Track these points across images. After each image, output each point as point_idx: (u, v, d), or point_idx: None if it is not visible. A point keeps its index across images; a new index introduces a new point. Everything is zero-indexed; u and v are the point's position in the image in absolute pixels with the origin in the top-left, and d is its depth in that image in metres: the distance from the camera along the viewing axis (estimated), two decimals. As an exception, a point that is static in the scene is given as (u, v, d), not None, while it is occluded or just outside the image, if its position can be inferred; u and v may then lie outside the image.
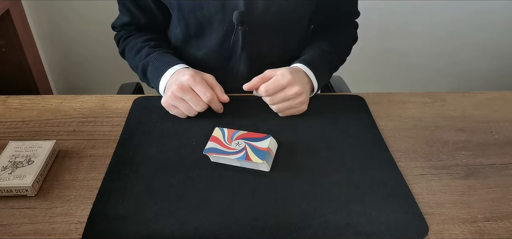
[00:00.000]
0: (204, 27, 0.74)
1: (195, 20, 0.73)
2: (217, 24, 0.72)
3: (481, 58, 1.82)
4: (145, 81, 0.77)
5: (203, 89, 0.63)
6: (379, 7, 1.61)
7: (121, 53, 0.83)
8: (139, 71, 0.76)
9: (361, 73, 1.70)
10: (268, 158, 0.57)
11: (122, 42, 0.81)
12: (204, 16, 0.71)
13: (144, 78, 0.76)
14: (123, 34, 0.81)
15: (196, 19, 0.72)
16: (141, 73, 0.76)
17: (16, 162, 0.55)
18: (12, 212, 0.51)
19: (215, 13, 0.70)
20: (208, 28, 0.73)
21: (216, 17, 0.71)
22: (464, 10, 1.65)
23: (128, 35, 0.80)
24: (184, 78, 0.63)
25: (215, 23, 0.72)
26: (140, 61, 0.74)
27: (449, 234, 0.50)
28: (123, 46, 0.81)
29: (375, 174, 0.57)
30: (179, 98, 0.64)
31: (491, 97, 0.77)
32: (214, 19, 0.71)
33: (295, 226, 0.49)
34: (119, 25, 0.81)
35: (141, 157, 0.59)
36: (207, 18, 0.71)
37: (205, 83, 0.64)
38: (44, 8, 1.53)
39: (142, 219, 0.49)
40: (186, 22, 0.74)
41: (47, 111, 0.69)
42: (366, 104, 0.73)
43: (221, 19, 0.71)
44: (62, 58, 1.69)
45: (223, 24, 0.71)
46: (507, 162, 0.62)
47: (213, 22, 0.72)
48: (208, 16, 0.71)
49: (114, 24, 0.83)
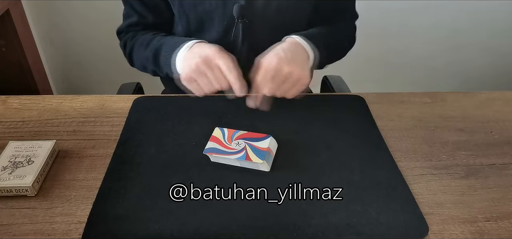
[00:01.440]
0: (204, 22, 0.74)
1: (196, 15, 0.73)
2: (217, 19, 0.72)
3: (481, 58, 1.82)
4: (156, 68, 0.74)
5: (230, 65, 0.60)
6: (379, 7, 1.61)
7: (128, 54, 0.80)
8: (150, 59, 0.73)
9: (361, 73, 1.70)
10: (268, 158, 0.57)
11: (130, 41, 0.79)
12: (205, 11, 0.71)
13: (154, 65, 0.74)
14: (130, 35, 0.80)
15: (197, 14, 0.73)
16: (152, 60, 0.73)
17: (16, 162, 0.55)
18: (12, 212, 0.51)
19: (216, 8, 0.70)
20: (209, 23, 0.74)
21: (216, 12, 0.71)
22: (464, 10, 1.65)
23: (134, 35, 0.79)
24: (210, 50, 0.61)
25: (215, 18, 0.72)
26: (152, 50, 0.72)
27: (449, 234, 0.50)
28: (132, 45, 0.79)
29: (375, 174, 0.57)
30: (202, 72, 0.61)
31: (491, 97, 0.77)
32: (215, 14, 0.71)
33: (295, 226, 0.49)
34: (126, 26, 0.80)
35: (141, 157, 0.59)
36: (208, 13, 0.72)
37: (231, 59, 0.61)
38: (44, 8, 1.53)
39: (142, 219, 0.49)
40: (187, 18, 0.74)
41: (47, 111, 0.69)
42: (366, 104, 0.73)
43: (222, 14, 0.71)
44: (62, 58, 1.69)
45: (223, 18, 0.72)
46: (507, 162, 0.62)
47: (214, 16, 0.72)
48: (209, 10, 0.71)
49: (119, 29, 0.82)
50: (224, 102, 0.68)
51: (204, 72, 0.61)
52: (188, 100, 0.72)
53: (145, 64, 0.77)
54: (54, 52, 1.67)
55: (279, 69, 0.61)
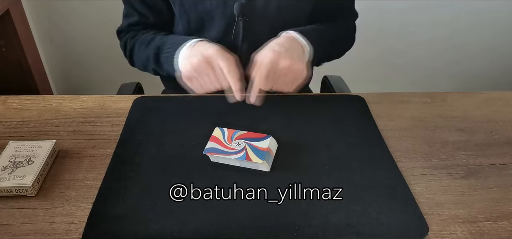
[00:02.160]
0: (205, 21, 0.74)
1: (196, 15, 0.73)
2: (218, 18, 0.72)
3: (481, 58, 1.82)
4: (157, 66, 0.74)
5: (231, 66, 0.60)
6: (379, 7, 1.61)
7: (129, 53, 0.80)
8: (151, 57, 0.74)
9: (361, 73, 1.70)
10: (268, 158, 0.57)
11: (130, 41, 0.79)
12: (206, 10, 0.72)
13: (156, 63, 0.74)
14: (130, 34, 0.80)
15: (198, 13, 0.73)
16: (153, 58, 0.73)
17: (16, 162, 0.55)
18: (12, 212, 0.51)
19: (217, 7, 0.70)
20: (209, 22, 0.74)
21: (217, 11, 0.71)
22: (464, 9, 1.66)
23: (135, 34, 0.79)
24: (212, 50, 0.61)
25: (216, 17, 0.72)
26: (153, 48, 0.72)
27: (449, 234, 0.50)
28: (132, 44, 0.79)
29: (375, 174, 0.57)
30: (203, 71, 0.62)
31: (491, 97, 0.77)
32: (215, 13, 0.72)
33: (295, 226, 0.49)
34: (126, 26, 0.80)
35: (141, 157, 0.59)
36: (208, 12, 0.72)
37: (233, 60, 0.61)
38: (44, 8, 1.54)
39: (142, 219, 0.49)
40: (187, 17, 0.74)
41: (47, 111, 0.69)
42: (366, 104, 0.73)
43: (222, 13, 0.71)
44: (62, 58, 1.69)
45: (224, 17, 0.72)
46: (507, 162, 0.62)
47: (214, 16, 0.72)
48: (209, 9, 0.71)
49: (120, 28, 0.82)
50: (224, 102, 0.68)
51: (205, 71, 0.62)
52: (188, 100, 0.72)
53: (145, 63, 0.77)
54: (54, 52, 1.67)
55: (275, 63, 0.61)
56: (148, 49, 0.75)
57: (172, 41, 0.70)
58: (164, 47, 0.71)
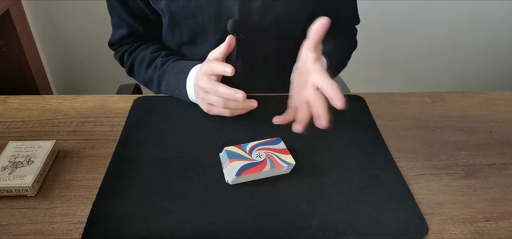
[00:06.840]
0: (197, 35, 0.72)
1: (188, 29, 0.71)
2: (211, 33, 0.71)
3: (481, 58, 1.82)
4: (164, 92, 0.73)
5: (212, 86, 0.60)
6: (379, 7, 1.61)
7: (128, 70, 0.80)
8: (154, 82, 0.74)
9: (361, 73, 1.70)
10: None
11: (128, 58, 0.79)
12: (198, 25, 0.70)
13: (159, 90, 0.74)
14: (126, 48, 0.79)
15: (190, 27, 0.71)
16: (156, 85, 0.74)
17: (16, 162, 0.55)
18: (12, 212, 0.51)
19: (210, 22, 0.69)
20: (202, 36, 0.72)
21: (210, 26, 0.69)
22: (464, 10, 1.66)
23: (132, 49, 0.79)
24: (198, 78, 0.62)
25: (209, 32, 0.71)
26: (156, 72, 0.73)
27: (449, 234, 0.50)
28: (131, 62, 0.78)
29: (375, 174, 0.57)
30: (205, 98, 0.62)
31: (491, 97, 0.77)
32: (208, 28, 0.70)
33: (295, 226, 0.49)
34: (118, 39, 0.79)
35: (141, 157, 0.59)
36: (201, 27, 0.70)
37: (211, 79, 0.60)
38: (44, 8, 1.54)
39: (142, 219, 0.49)
40: (179, 30, 0.73)
41: (47, 111, 0.69)
42: (366, 104, 0.73)
43: (216, 28, 0.69)
44: (62, 58, 1.70)
45: (217, 32, 0.70)
46: (507, 162, 0.62)
47: (207, 30, 0.70)
48: (202, 24, 0.69)
49: (111, 41, 0.81)
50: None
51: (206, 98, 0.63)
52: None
53: (148, 83, 0.77)
54: (54, 52, 1.67)
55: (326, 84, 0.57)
56: (148, 72, 0.75)
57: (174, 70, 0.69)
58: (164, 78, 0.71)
